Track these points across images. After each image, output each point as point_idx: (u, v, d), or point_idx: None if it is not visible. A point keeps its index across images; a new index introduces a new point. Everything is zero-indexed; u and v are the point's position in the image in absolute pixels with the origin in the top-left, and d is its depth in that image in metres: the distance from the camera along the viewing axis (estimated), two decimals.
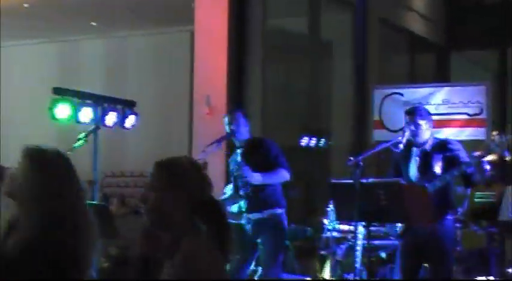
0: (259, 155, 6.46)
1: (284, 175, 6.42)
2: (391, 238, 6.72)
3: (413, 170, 6.11)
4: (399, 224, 6.05)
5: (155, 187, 2.89)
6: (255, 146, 6.53)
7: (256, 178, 6.32)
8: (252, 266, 6.79)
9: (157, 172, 2.91)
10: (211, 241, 2.86)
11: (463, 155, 6.01)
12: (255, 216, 6.43)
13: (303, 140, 10.86)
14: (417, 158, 6.10)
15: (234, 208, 6.73)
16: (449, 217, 5.96)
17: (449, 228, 5.99)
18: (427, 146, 6.11)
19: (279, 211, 6.46)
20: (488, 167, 5.85)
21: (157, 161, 2.95)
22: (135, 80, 13.19)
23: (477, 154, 5.80)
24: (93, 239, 3.10)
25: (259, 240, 6.43)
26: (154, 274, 3.00)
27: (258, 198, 6.41)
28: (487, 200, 6.41)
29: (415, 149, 6.12)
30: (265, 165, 6.37)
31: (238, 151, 6.61)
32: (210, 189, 2.96)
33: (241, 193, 6.56)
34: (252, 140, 6.62)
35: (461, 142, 8.02)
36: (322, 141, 9.52)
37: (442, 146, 6.10)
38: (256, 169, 6.38)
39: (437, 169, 5.99)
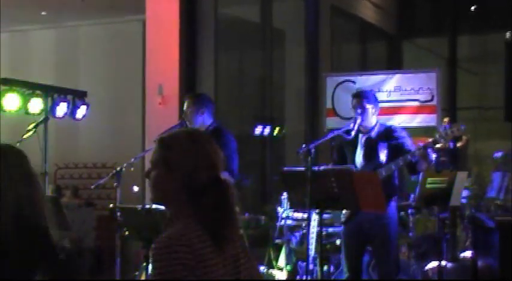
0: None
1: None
2: (336, 224, 6.78)
3: (359, 158, 6.15)
4: (343, 211, 6.10)
5: (154, 164, 2.81)
6: (213, 136, 6.41)
7: None
8: None
9: (156, 148, 2.80)
10: (207, 228, 2.72)
11: (409, 143, 6.07)
12: None
13: (256, 129, 10.85)
14: (363, 146, 6.14)
15: None
16: (392, 203, 6.03)
17: (393, 213, 6.06)
18: (373, 134, 6.14)
19: None
20: (434, 155, 5.91)
21: (159, 136, 2.84)
22: (86, 70, 13.06)
23: (422, 144, 5.87)
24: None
25: None
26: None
27: None
28: (438, 186, 6.47)
29: (361, 136, 6.16)
30: None
31: None
32: (214, 169, 2.79)
33: None
34: (211, 130, 6.45)
35: (412, 128, 8.14)
36: (276, 129, 9.54)
37: (388, 133, 6.14)
38: None
39: (383, 156, 6.04)
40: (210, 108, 6.52)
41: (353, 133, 6.11)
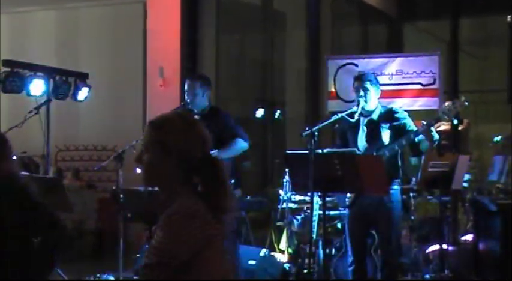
0: (215, 125, 6.43)
1: (242, 145, 6.43)
2: (341, 208, 6.78)
3: (361, 140, 6.15)
4: (348, 195, 6.11)
5: (146, 147, 2.81)
6: (210, 116, 6.49)
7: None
8: None
9: (148, 132, 2.83)
10: (207, 202, 2.76)
11: (410, 123, 6.08)
12: None
13: (258, 112, 10.83)
14: (365, 128, 6.14)
15: None
16: (395, 186, 6.04)
17: (396, 196, 6.07)
18: (374, 116, 6.14)
19: None
20: (437, 136, 5.91)
21: (150, 120, 2.85)
22: (87, 52, 13.01)
23: (425, 122, 5.86)
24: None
25: None
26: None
27: None
28: (440, 169, 6.47)
29: (362, 119, 6.16)
30: (222, 137, 6.34)
31: (196, 117, 6.56)
32: (205, 146, 2.85)
33: None
34: (208, 110, 6.58)
35: (414, 111, 8.12)
36: (277, 112, 9.52)
37: (389, 115, 6.15)
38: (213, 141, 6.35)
39: (385, 138, 6.04)
40: (210, 90, 6.64)
41: (356, 116, 6.11)
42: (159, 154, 2.77)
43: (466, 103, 5.90)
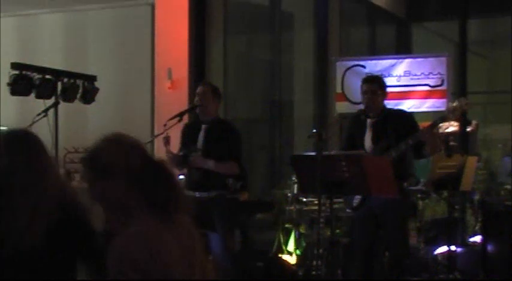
0: (218, 139, 6.42)
1: (232, 170, 6.41)
2: (348, 210, 6.79)
3: (367, 141, 6.15)
4: (356, 197, 6.12)
5: (87, 180, 2.84)
6: (217, 128, 6.49)
7: (209, 165, 6.32)
8: None
9: (84, 168, 2.86)
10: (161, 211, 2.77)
11: (416, 125, 6.08)
12: (202, 195, 6.39)
13: (265, 113, 10.85)
14: (371, 130, 6.15)
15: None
16: (404, 188, 6.03)
17: (404, 198, 6.06)
18: (381, 118, 6.15)
19: (225, 191, 6.45)
20: (441, 139, 5.91)
21: (81, 156, 2.89)
22: (95, 54, 13.03)
23: (426, 124, 5.88)
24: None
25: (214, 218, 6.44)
26: None
27: (206, 178, 6.38)
28: (448, 170, 6.47)
29: (369, 120, 6.17)
30: (223, 153, 6.35)
31: (203, 126, 6.56)
32: (136, 152, 2.84)
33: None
34: (215, 121, 6.56)
35: (421, 113, 8.11)
36: (285, 114, 9.52)
37: (396, 117, 6.16)
38: (212, 152, 6.37)
39: (391, 139, 6.04)
40: (219, 101, 6.68)
41: (362, 118, 6.12)
42: (103, 180, 2.79)
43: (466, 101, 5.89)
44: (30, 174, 3.04)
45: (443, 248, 7.37)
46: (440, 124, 6.22)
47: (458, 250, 7.28)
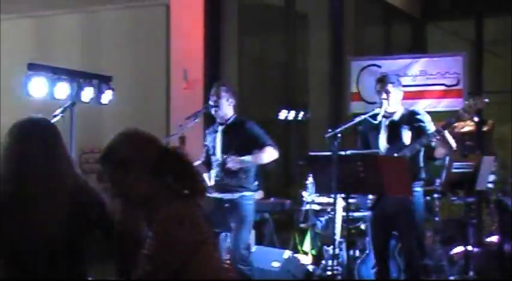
0: (240, 136, 6.47)
1: (271, 155, 6.48)
2: (362, 210, 6.78)
3: (382, 141, 6.14)
4: (370, 196, 6.10)
5: (108, 178, 2.88)
6: (235, 127, 6.54)
7: (247, 161, 6.37)
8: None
9: (102, 166, 2.89)
10: (187, 194, 2.83)
11: (430, 125, 6.05)
12: (226, 196, 6.45)
13: (281, 113, 10.84)
14: (386, 129, 6.13)
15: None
16: (418, 187, 6.01)
17: (419, 198, 6.04)
18: (396, 117, 6.14)
19: (249, 194, 6.51)
20: (453, 140, 5.87)
21: (100, 155, 2.94)
22: (110, 54, 13.06)
23: (441, 124, 5.86)
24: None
25: (231, 219, 6.51)
26: (136, 248, 2.99)
27: (230, 181, 6.43)
28: (464, 170, 6.44)
29: (384, 120, 6.15)
30: (250, 146, 6.40)
31: (220, 127, 6.61)
32: (153, 145, 2.92)
33: (214, 167, 6.56)
34: (232, 121, 6.61)
35: (437, 113, 8.08)
36: (300, 114, 9.52)
37: (411, 117, 6.14)
38: (235, 151, 6.41)
39: (406, 140, 6.03)
40: (234, 99, 6.72)
41: (378, 118, 6.10)
42: (124, 175, 2.81)
43: (486, 100, 5.86)
44: (47, 162, 3.10)
45: (459, 248, 7.34)
46: (456, 124, 6.18)
47: (475, 250, 7.24)
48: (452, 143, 5.86)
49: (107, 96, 7.72)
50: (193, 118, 6.55)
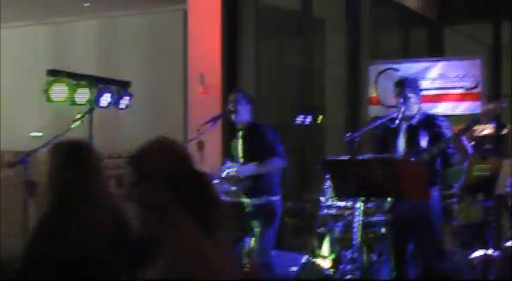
0: (255, 141, 6.50)
1: (277, 164, 6.48)
2: (378, 214, 6.76)
3: (401, 145, 6.12)
4: (387, 200, 6.09)
5: (130, 180, 2.90)
6: (251, 132, 6.58)
7: (251, 170, 6.41)
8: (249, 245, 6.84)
9: (129, 167, 2.92)
10: (198, 219, 2.84)
11: (449, 131, 6.03)
12: (252, 201, 6.51)
13: (298, 118, 10.84)
14: (404, 133, 6.12)
15: (233, 187, 6.75)
16: (435, 192, 5.99)
17: (436, 202, 6.02)
18: (414, 121, 6.12)
19: (274, 198, 6.54)
20: (470, 144, 5.85)
21: (127, 157, 2.95)
22: (128, 60, 13.13)
23: (459, 128, 5.83)
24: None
25: (256, 223, 6.54)
26: (153, 255, 3.01)
27: (255, 185, 6.48)
28: (483, 173, 6.42)
29: (402, 124, 6.14)
30: (260, 153, 6.42)
31: (240, 133, 6.67)
32: (184, 163, 2.94)
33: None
34: (249, 126, 6.65)
35: (456, 116, 8.05)
36: (318, 118, 9.52)
37: (429, 121, 6.12)
38: (252, 156, 6.46)
39: (424, 144, 6.01)
40: (252, 105, 6.76)
41: (397, 121, 6.09)
42: (146, 184, 2.85)
43: (505, 105, 5.84)
44: (89, 187, 3.16)
45: (478, 253, 7.30)
46: (475, 127, 6.16)
47: (494, 254, 7.21)
48: (469, 149, 5.83)
49: (125, 102, 7.77)
50: (211, 123, 6.58)
